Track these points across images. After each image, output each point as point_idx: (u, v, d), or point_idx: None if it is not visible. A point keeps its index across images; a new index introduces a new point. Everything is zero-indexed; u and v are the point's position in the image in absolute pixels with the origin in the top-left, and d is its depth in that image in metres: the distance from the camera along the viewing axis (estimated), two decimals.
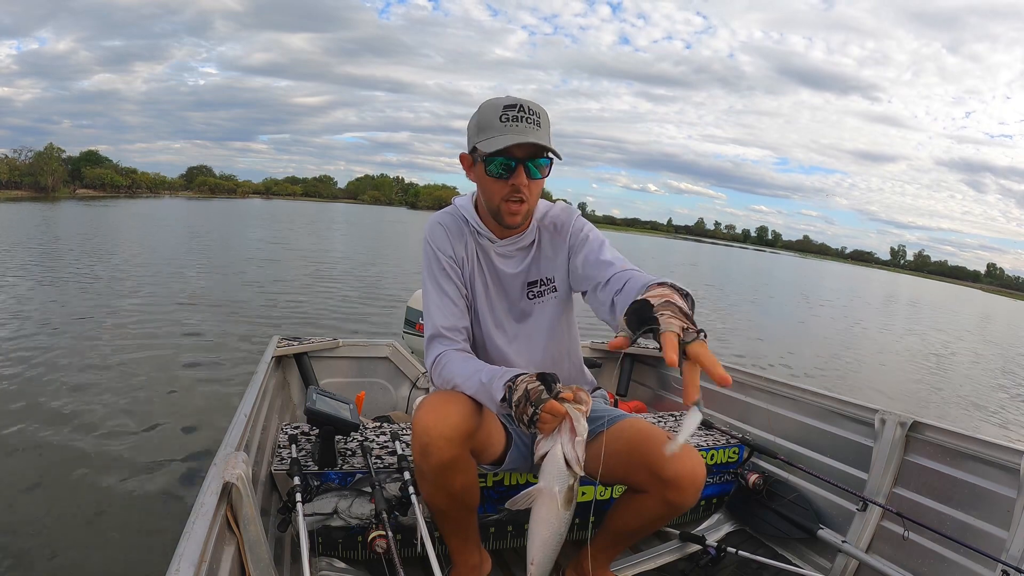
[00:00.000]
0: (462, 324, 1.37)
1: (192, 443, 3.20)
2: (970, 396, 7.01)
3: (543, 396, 1.04)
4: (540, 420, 1.04)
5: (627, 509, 1.40)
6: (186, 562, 0.84)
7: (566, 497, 1.05)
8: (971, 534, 1.56)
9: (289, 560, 1.52)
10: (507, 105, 1.22)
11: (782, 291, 22.96)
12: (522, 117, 1.21)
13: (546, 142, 1.24)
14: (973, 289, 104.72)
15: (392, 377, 2.71)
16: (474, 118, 1.28)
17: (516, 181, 1.25)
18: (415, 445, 1.22)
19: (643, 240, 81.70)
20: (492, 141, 1.21)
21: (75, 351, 4.78)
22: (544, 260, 1.43)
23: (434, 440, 1.18)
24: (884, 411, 1.82)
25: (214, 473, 1.07)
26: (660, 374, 2.88)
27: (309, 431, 1.80)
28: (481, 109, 1.26)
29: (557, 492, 1.05)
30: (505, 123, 1.21)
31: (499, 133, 1.21)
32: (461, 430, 1.20)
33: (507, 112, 1.21)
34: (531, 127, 1.22)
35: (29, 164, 51.00)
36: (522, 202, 1.28)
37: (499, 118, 1.22)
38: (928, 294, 42.23)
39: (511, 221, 1.32)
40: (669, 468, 1.25)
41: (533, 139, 1.21)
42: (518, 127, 1.21)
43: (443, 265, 1.37)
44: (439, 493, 1.28)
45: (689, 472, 1.26)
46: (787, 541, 1.93)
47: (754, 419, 2.29)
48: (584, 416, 1.03)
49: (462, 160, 1.35)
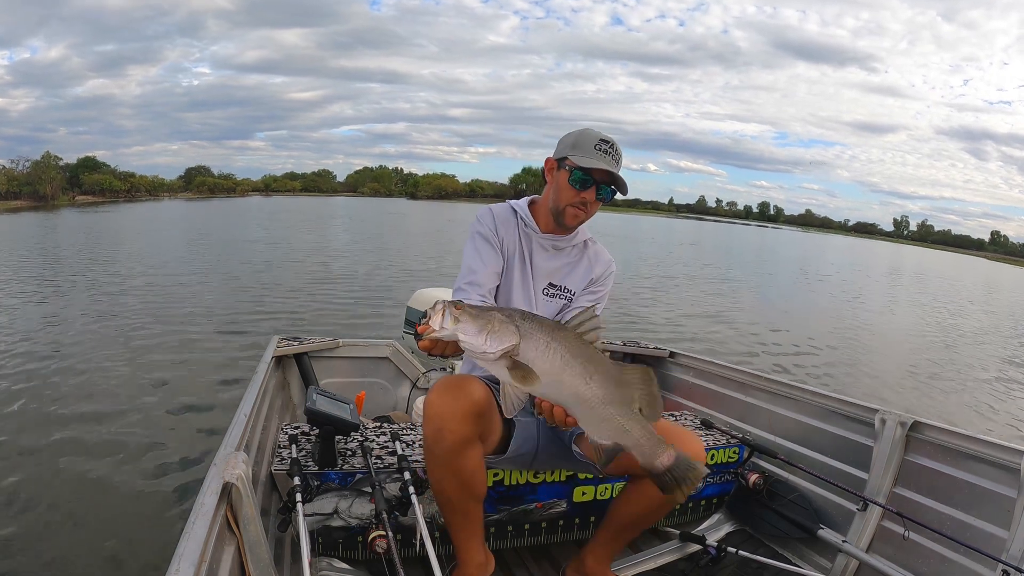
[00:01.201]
0: (487, 283, 1.52)
1: (192, 443, 3.20)
2: (974, 392, 6.95)
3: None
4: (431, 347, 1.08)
5: (629, 498, 1.48)
6: (186, 562, 0.84)
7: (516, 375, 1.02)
8: (971, 534, 1.56)
9: (289, 560, 1.52)
10: (603, 139, 1.48)
11: (782, 268, 22.92)
12: (610, 152, 1.48)
13: (623, 181, 1.51)
14: (978, 257, 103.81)
15: (392, 377, 2.71)
16: (572, 136, 1.52)
17: (587, 195, 1.50)
18: (427, 428, 1.31)
19: (644, 220, 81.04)
20: (585, 159, 1.46)
21: (76, 353, 4.79)
22: (573, 273, 1.64)
23: (447, 422, 1.28)
24: (884, 411, 1.82)
25: (214, 473, 1.07)
26: (660, 374, 2.87)
27: (309, 431, 1.80)
28: (583, 133, 1.51)
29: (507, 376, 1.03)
30: (598, 151, 1.47)
31: (591, 156, 1.46)
32: (473, 410, 1.31)
33: (602, 144, 1.47)
34: (615, 162, 1.48)
35: (27, 174, 50.60)
36: (583, 213, 1.52)
37: (594, 146, 1.47)
38: (933, 265, 41.64)
39: (571, 223, 1.55)
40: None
41: (615, 170, 1.48)
42: (606, 159, 1.47)
43: (485, 235, 1.57)
44: (450, 478, 1.35)
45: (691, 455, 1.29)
46: (787, 541, 1.93)
47: (754, 419, 2.29)
48: (435, 312, 1.01)
49: (547, 163, 1.58)
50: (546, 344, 1.01)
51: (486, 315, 1.01)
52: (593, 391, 1.03)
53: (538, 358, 1.01)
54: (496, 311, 1.02)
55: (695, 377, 2.64)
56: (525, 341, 1.00)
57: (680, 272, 16.52)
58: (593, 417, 1.05)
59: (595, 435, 1.07)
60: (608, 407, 1.04)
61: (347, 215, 36.10)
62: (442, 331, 1.00)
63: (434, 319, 1.00)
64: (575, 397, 1.04)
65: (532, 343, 1.00)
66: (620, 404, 1.04)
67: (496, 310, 1.03)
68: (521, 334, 1.00)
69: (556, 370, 1.01)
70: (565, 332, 1.03)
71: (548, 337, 1.01)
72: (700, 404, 2.56)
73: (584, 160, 1.46)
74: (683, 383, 2.70)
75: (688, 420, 2.33)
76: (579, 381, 1.03)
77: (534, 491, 1.77)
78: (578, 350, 1.02)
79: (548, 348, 1.01)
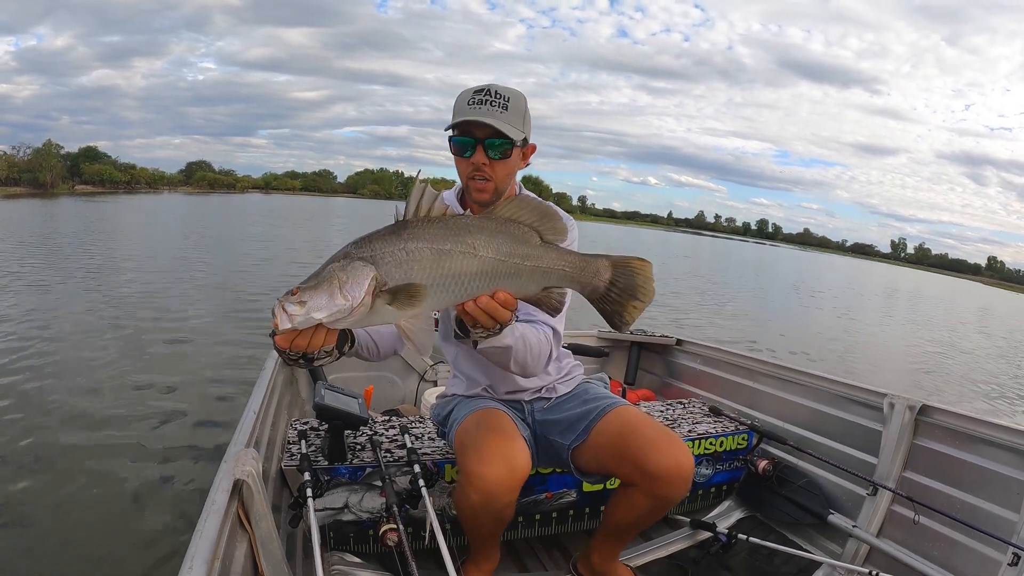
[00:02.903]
0: None
1: (202, 440, 3.21)
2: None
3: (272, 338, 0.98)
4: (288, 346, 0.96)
5: (618, 505, 1.42)
6: (199, 560, 0.84)
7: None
8: (981, 517, 1.56)
9: (301, 555, 1.53)
10: (477, 90, 1.27)
11: (773, 284, 22.73)
12: (487, 100, 1.24)
13: (507, 124, 1.24)
14: (974, 282, 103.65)
15: (400, 371, 2.72)
16: (454, 104, 1.32)
17: (476, 159, 1.27)
18: (474, 496, 1.22)
19: (643, 233, 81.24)
20: (456, 120, 1.26)
21: (81, 350, 4.80)
22: None
23: (499, 496, 1.21)
24: (893, 395, 1.81)
25: (224, 470, 1.07)
26: (667, 362, 2.87)
27: (318, 426, 1.80)
28: (459, 95, 1.31)
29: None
30: (471, 106, 1.25)
31: (462, 115, 1.25)
32: (521, 481, 1.23)
33: (476, 96, 1.26)
34: (495, 109, 1.24)
35: (28, 161, 50.83)
36: (487, 180, 1.30)
37: (467, 101, 1.26)
38: (927, 289, 41.42)
39: (478, 198, 1.33)
40: (653, 462, 1.26)
41: (489, 120, 1.23)
42: (481, 109, 1.24)
43: None
44: (487, 525, 1.33)
45: (674, 465, 1.26)
46: (798, 527, 1.93)
47: (763, 405, 2.29)
48: (277, 311, 0.89)
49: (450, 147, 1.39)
50: (403, 249, 0.88)
51: (324, 275, 0.88)
52: (485, 256, 0.91)
53: (407, 267, 0.88)
54: (328, 264, 0.89)
55: (703, 364, 2.63)
56: (381, 263, 0.87)
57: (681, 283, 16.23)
58: (509, 281, 0.94)
59: (525, 293, 0.97)
60: (513, 259, 0.92)
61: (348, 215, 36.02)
62: (295, 320, 0.87)
63: (278, 316, 0.87)
64: (474, 276, 0.91)
65: (389, 259, 0.87)
66: (520, 246, 0.93)
67: (328, 262, 0.90)
68: (371, 260, 0.87)
69: (434, 264, 0.89)
70: (411, 225, 0.89)
71: (399, 243, 0.88)
72: (708, 391, 2.56)
73: (458, 120, 1.26)
74: (691, 371, 2.69)
75: (697, 407, 2.32)
76: (464, 260, 0.90)
77: (544, 481, 1.78)
78: (437, 233, 0.89)
79: (408, 252, 0.88)
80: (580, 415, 1.43)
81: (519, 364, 1.22)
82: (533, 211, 0.96)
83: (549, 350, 1.30)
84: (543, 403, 1.52)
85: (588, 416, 1.41)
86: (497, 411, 1.39)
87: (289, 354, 0.99)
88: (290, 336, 0.93)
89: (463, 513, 1.34)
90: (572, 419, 1.44)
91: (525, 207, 0.95)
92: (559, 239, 0.97)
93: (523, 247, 0.93)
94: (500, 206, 0.96)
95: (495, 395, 1.51)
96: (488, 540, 1.45)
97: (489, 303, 0.94)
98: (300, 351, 0.97)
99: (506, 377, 1.46)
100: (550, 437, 1.47)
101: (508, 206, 0.96)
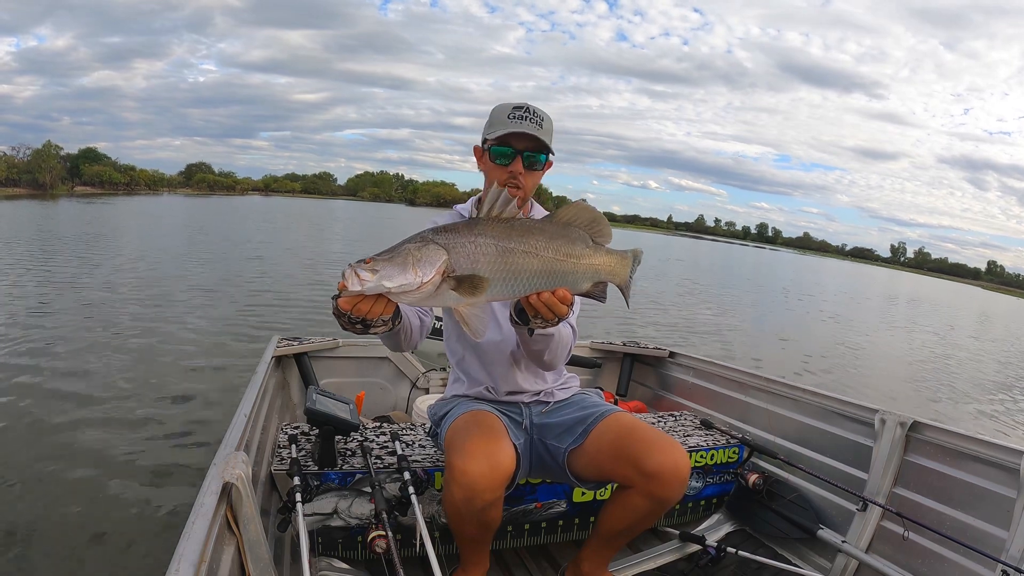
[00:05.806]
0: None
1: (192, 443, 3.20)
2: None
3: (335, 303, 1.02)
4: (351, 312, 1.01)
5: (615, 507, 1.44)
6: (186, 562, 0.84)
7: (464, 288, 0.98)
8: (971, 534, 1.56)
9: (289, 560, 1.52)
10: (516, 106, 1.42)
11: (773, 284, 22.81)
12: (526, 116, 1.40)
13: (545, 140, 1.40)
14: (973, 287, 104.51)
15: (392, 377, 2.71)
16: (489, 116, 1.46)
17: (514, 168, 1.41)
18: (457, 493, 1.25)
19: (643, 237, 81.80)
20: (500, 131, 1.39)
21: (74, 351, 4.77)
22: None
23: (481, 492, 1.23)
24: (884, 411, 1.82)
25: (214, 473, 1.07)
26: (660, 374, 2.88)
27: (309, 431, 1.80)
28: (495, 108, 1.45)
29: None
30: (511, 120, 1.39)
31: (504, 128, 1.39)
32: (506, 478, 1.27)
33: (515, 112, 1.40)
34: (533, 126, 1.39)
35: (27, 161, 50.79)
36: (518, 188, 1.42)
37: (507, 116, 1.40)
38: (927, 292, 41.77)
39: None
40: (651, 461, 1.29)
41: (532, 133, 1.38)
42: (521, 124, 1.38)
43: None
44: (472, 526, 1.33)
45: (671, 465, 1.29)
46: (787, 541, 1.93)
47: (754, 419, 2.30)
48: (348, 274, 0.94)
49: (475, 152, 1.51)
50: (472, 242, 0.96)
51: (400, 251, 0.94)
52: (545, 256, 1.01)
53: (474, 259, 0.96)
54: (403, 243, 0.96)
55: (695, 377, 2.64)
56: (452, 251, 0.95)
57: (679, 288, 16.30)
58: (564, 278, 1.04)
59: (578, 289, 1.08)
60: (570, 259, 1.04)
61: (347, 217, 36.04)
62: (365, 285, 0.92)
63: (349, 280, 0.92)
64: (533, 273, 1.01)
65: (460, 249, 0.95)
66: (577, 246, 1.05)
67: (403, 242, 0.96)
68: (444, 247, 0.95)
69: (498, 260, 0.97)
70: (483, 222, 0.99)
71: (471, 235, 0.96)
72: (700, 404, 2.56)
73: (500, 133, 1.39)
74: (683, 383, 2.70)
75: (688, 420, 2.33)
76: (526, 257, 0.99)
77: (534, 491, 1.77)
78: (505, 230, 0.98)
79: (477, 245, 0.96)
80: (578, 419, 1.46)
81: (552, 353, 1.35)
82: (587, 216, 1.08)
83: (571, 344, 1.42)
84: (541, 407, 1.56)
85: (586, 420, 1.44)
86: (489, 413, 1.42)
87: (348, 317, 1.03)
88: (354, 300, 0.98)
89: (448, 512, 1.36)
90: (570, 423, 1.47)
91: (581, 212, 1.08)
92: (606, 241, 1.11)
93: (578, 247, 1.06)
94: (564, 211, 1.09)
95: (496, 395, 1.54)
96: (476, 546, 1.44)
97: (551, 299, 1.06)
98: (360, 316, 1.02)
99: (508, 377, 1.53)
100: (547, 441, 1.49)
101: (567, 211, 1.08)
